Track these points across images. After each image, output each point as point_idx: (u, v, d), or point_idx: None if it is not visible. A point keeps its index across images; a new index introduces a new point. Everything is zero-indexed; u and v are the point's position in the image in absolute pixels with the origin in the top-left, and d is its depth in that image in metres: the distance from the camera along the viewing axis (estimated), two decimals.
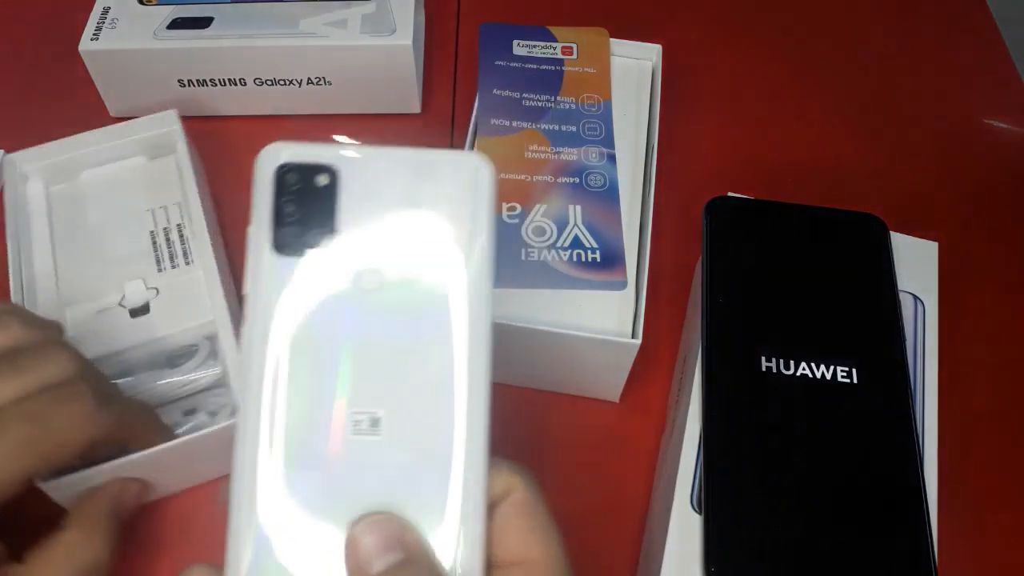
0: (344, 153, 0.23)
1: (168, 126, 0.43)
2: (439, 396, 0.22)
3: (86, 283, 0.40)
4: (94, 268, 0.41)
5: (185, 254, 0.41)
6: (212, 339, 0.39)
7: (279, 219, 0.23)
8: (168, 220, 0.42)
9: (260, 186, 0.23)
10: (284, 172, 0.23)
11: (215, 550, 0.31)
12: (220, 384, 0.38)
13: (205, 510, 0.38)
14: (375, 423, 0.22)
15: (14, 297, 0.38)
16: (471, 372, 0.22)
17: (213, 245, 0.40)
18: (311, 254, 0.23)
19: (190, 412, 0.37)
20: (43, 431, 0.29)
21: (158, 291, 0.40)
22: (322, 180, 0.23)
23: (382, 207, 0.23)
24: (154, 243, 0.41)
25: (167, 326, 0.39)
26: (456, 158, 0.23)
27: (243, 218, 0.24)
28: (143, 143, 0.44)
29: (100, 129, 0.43)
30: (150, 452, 0.33)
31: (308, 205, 0.23)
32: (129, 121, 0.43)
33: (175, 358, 0.38)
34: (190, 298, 0.40)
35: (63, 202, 0.43)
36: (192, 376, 0.38)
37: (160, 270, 0.41)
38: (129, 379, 0.37)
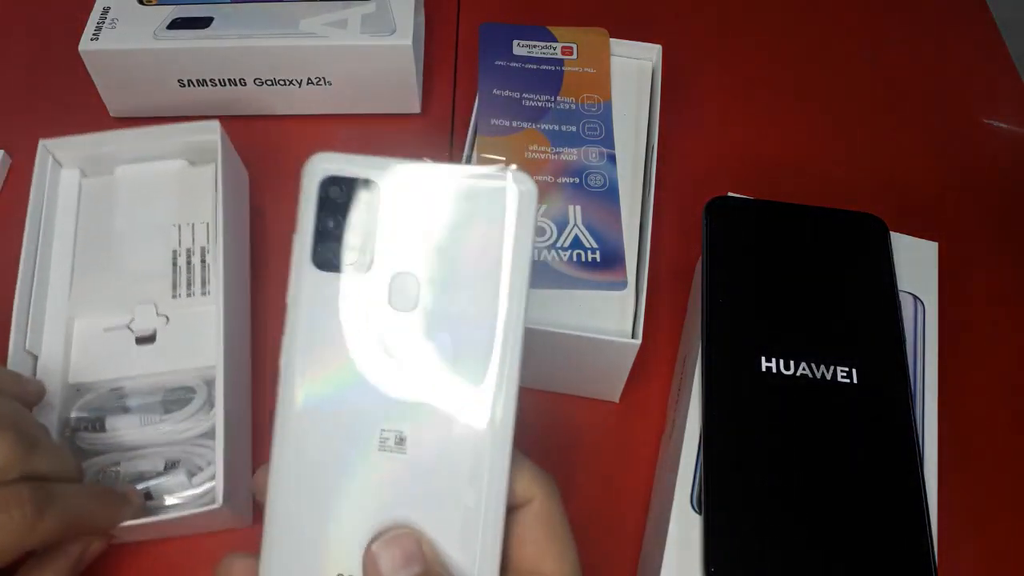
0: (387, 168, 0.23)
1: (208, 135, 0.41)
2: (465, 417, 0.23)
3: (99, 296, 0.39)
4: (110, 280, 0.39)
5: (203, 283, 0.39)
6: (211, 384, 0.37)
7: (320, 232, 0.23)
8: (193, 240, 0.40)
9: (305, 197, 0.23)
10: (328, 184, 0.23)
11: None
12: (210, 435, 0.36)
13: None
14: (401, 441, 0.23)
15: (19, 299, 0.37)
16: (497, 396, 0.23)
17: (231, 278, 0.38)
18: (349, 270, 0.23)
19: (172, 465, 0.35)
20: None
21: (168, 320, 0.38)
22: (364, 195, 0.23)
23: (421, 225, 0.23)
24: (175, 264, 0.39)
25: (170, 361, 0.37)
26: (497, 177, 0.23)
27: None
28: (184, 146, 0.42)
29: (140, 128, 0.41)
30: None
31: (349, 220, 0.23)
32: (170, 124, 0.41)
33: (170, 401, 0.37)
34: (199, 334, 0.37)
35: (93, 199, 0.41)
36: (177, 426, 0.36)
37: (175, 296, 0.39)
38: (117, 418, 0.36)
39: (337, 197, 0.23)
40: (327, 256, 0.23)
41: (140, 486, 0.34)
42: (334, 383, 0.23)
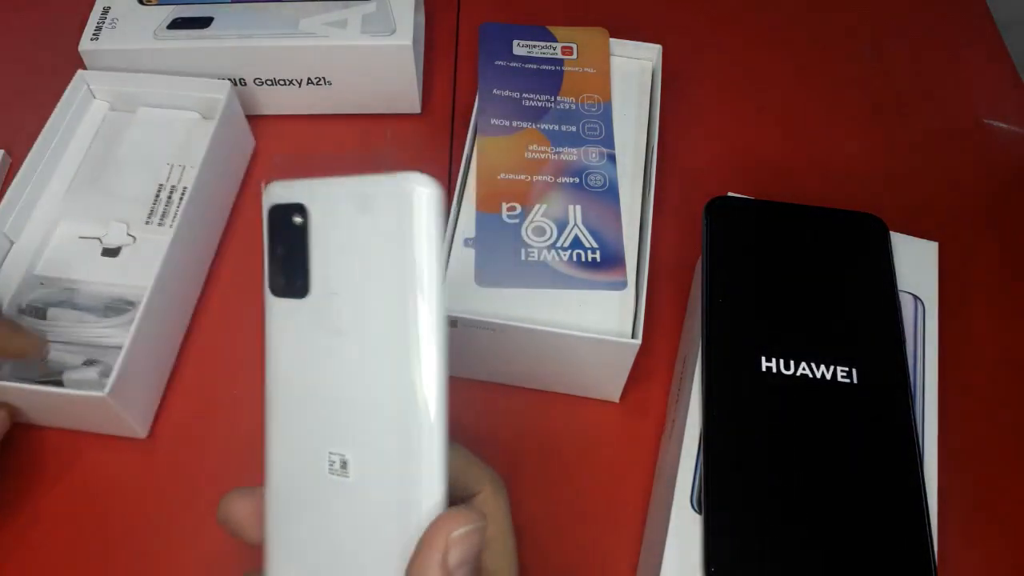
0: (307, 188, 0.23)
1: (217, 93, 0.45)
2: (396, 430, 0.22)
3: (85, 208, 0.43)
4: (99, 197, 0.43)
5: (175, 217, 0.42)
6: None
7: (271, 259, 0.23)
8: (180, 180, 0.44)
9: (263, 225, 0.24)
10: (273, 212, 0.23)
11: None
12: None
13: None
14: (344, 465, 0.23)
15: (14, 190, 0.41)
16: (424, 399, 0.22)
17: (193, 216, 0.41)
18: (292, 294, 0.23)
19: (90, 362, 0.38)
20: None
21: (135, 240, 0.42)
22: (297, 219, 0.23)
23: (341, 242, 0.23)
24: (157, 195, 0.43)
25: (125, 276, 0.41)
26: (394, 182, 0.22)
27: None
28: (199, 101, 0.46)
29: (161, 76, 0.46)
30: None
31: (289, 245, 0.23)
32: (188, 78, 0.46)
33: (111, 309, 0.40)
34: (156, 259, 0.39)
35: (111, 128, 0.46)
36: (107, 331, 0.39)
37: (147, 222, 0.42)
38: (60, 311, 0.40)
39: (281, 224, 0.23)
40: (277, 282, 0.23)
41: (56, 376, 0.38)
42: (291, 409, 0.23)
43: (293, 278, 0.23)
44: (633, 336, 0.36)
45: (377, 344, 0.22)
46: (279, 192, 0.23)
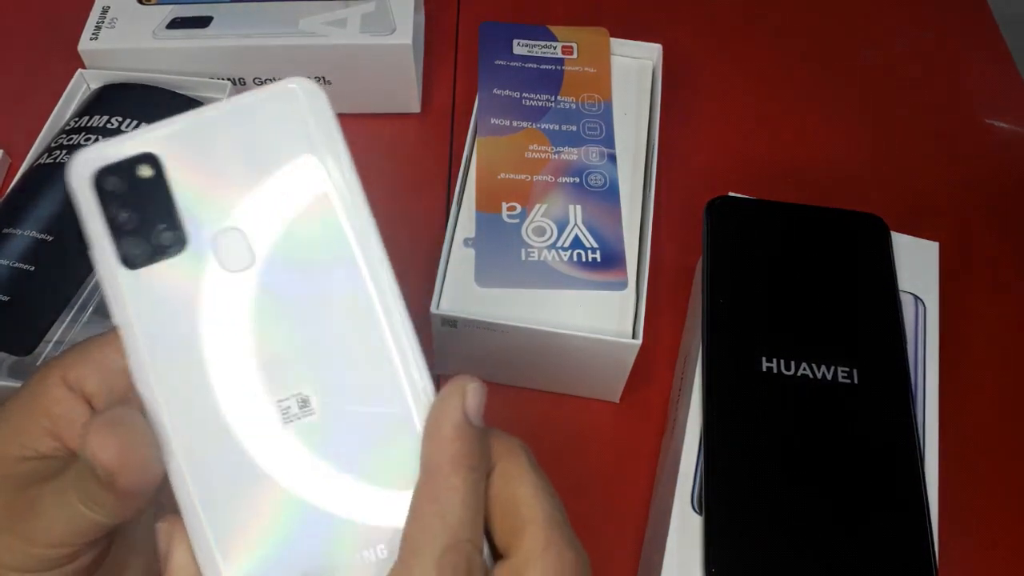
0: (157, 134, 0.21)
1: (216, 93, 0.46)
2: (359, 346, 0.20)
3: None
4: None
5: None
6: None
7: (116, 231, 0.20)
8: None
9: (82, 203, 0.20)
10: (101, 177, 0.20)
11: None
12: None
13: None
14: (305, 403, 0.20)
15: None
16: (381, 306, 0.21)
17: None
18: (166, 255, 0.20)
19: None
20: None
21: None
22: (145, 172, 0.20)
23: (219, 176, 0.20)
24: None
25: None
26: (273, 91, 0.21)
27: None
28: (200, 100, 0.46)
29: (165, 76, 0.46)
30: None
31: (141, 204, 0.20)
32: (188, 77, 0.46)
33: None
34: None
35: None
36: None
37: None
38: None
39: (116, 187, 0.20)
40: (134, 252, 0.20)
41: None
42: (203, 381, 0.20)
43: (157, 239, 0.20)
44: (633, 336, 0.36)
45: (306, 256, 0.20)
46: (98, 155, 0.20)
